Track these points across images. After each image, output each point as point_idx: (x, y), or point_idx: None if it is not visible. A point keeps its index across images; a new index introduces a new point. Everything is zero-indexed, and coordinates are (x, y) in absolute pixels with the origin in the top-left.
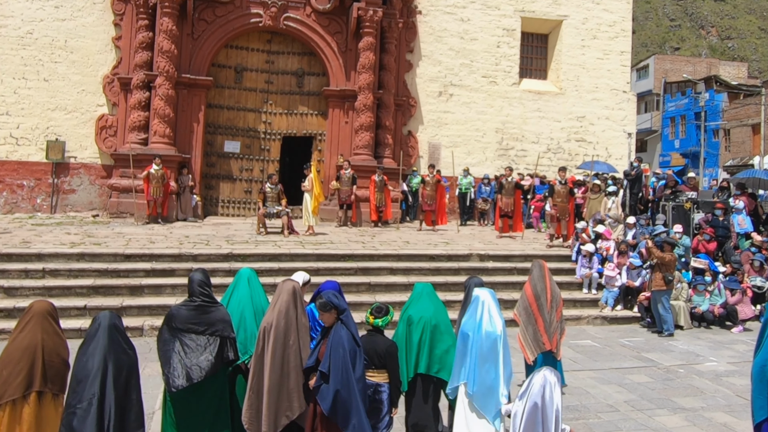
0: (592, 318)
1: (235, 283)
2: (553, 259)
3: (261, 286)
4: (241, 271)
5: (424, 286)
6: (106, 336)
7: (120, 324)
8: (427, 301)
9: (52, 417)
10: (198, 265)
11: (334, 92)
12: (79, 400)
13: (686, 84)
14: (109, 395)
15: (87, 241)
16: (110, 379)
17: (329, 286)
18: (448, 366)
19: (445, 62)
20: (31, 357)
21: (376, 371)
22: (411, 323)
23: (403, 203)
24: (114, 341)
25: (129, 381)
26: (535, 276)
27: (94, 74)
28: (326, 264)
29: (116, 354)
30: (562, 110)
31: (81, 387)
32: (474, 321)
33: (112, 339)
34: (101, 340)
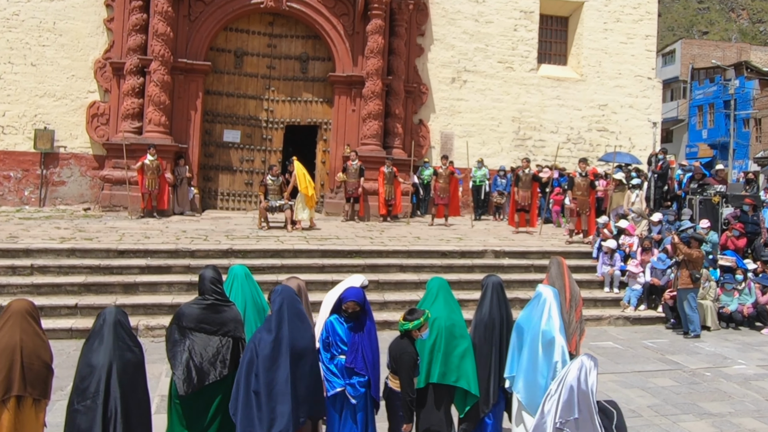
0: (614, 318)
1: (230, 281)
2: (573, 255)
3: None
4: (234, 268)
5: (438, 282)
6: (111, 333)
7: (125, 320)
8: (441, 301)
9: (32, 423)
10: (196, 261)
11: (340, 78)
12: (83, 398)
13: (715, 70)
14: (114, 394)
15: (78, 236)
16: (115, 377)
17: (353, 294)
18: (466, 374)
19: (458, 46)
20: (9, 359)
21: (393, 377)
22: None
23: (414, 196)
24: (119, 338)
25: (135, 379)
26: (553, 274)
27: (84, 58)
28: (332, 261)
29: (121, 351)
30: (583, 98)
31: (85, 385)
32: (532, 317)
33: (118, 336)
34: (106, 337)
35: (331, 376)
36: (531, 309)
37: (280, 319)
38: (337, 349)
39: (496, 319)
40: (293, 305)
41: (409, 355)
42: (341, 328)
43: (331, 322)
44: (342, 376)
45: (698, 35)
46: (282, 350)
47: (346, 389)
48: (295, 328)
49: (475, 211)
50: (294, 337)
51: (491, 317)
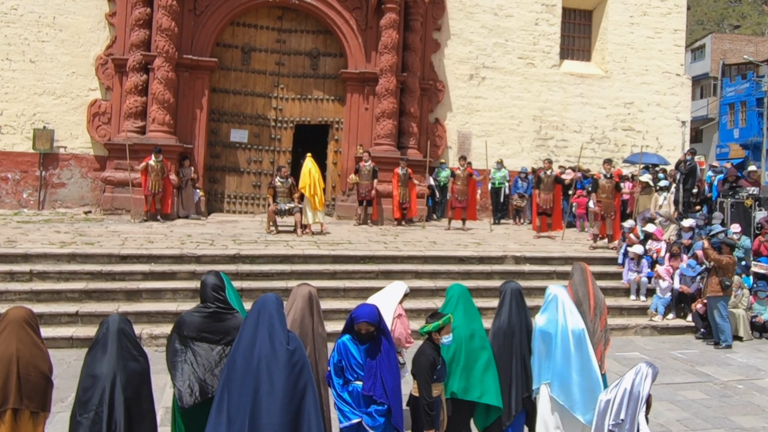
0: (641, 327)
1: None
2: (597, 261)
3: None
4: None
5: (458, 289)
6: (115, 342)
7: (129, 328)
8: (461, 310)
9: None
10: (202, 267)
11: (352, 75)
12: (85, 410)
13: (747, 66)
14: (119, 405)
15: (78, 241)
16: (119, 388)
17: (365, 313)
18: (489, 388)
19: (476, 41)
20: (5, 371)
21: (414, 383)
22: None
23: (430, 199)
24: (123, 347)
25: (140, 390)
26: (576, 280)
27: (85, 55)
28: (344, 266)
29: (125, 361)
30: (608, 95)
31: (87, 396)
32: (555, 319)
33: (121, 345)
34: (109, 347)
35: (345, 406)
36: (550, 311)
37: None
38: (352, 374)
39: (516, 326)
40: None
41: (426, 357)
42: (356, 350)
43: (344, 343)
44: (358, 405)
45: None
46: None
47: (363, 420)
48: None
49: (494, 214)
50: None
51: (510, 325)
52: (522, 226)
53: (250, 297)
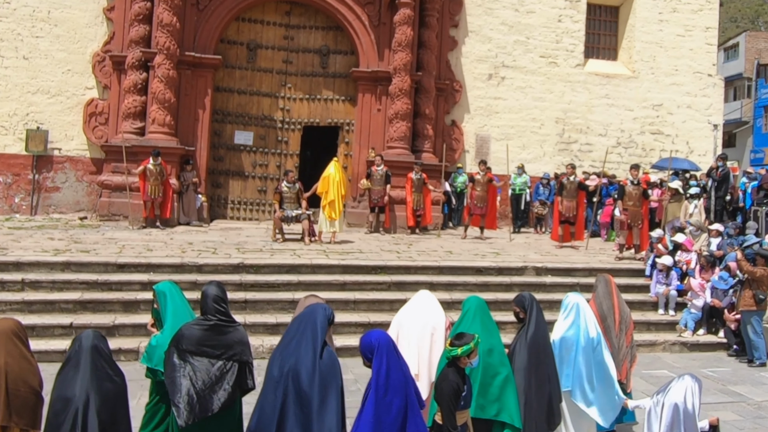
0: (669, 344)
1: (164, 297)
2: (623, 273)
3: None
4: (163, 284)
5: (476, 302)
6: (88, 360)
7: (104, 345)
8: (479, 324)
9: None
10: (204, 276)
11: (364, 74)
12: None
13: None
14: (92, 430)
15: (73, 248)
16: (92, 411)
17: (375, 337)
18: (508, 406)
19: (495, 39)
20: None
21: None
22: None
23: (446, 206)
24: (97, 366)
25: (116, 413)
26: (600, 293)
27: (81, 51)
28: (354, 277)
29: (99, 381)
30: (635, 97)
31: (59, 421)
32: (577, 326)
33: (95, 364)
34: (82, 366)
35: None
36: (571, 319)
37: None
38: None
39: (547, 337)
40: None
41: (449, 384)
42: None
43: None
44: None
45: (764, 27)
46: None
47: None
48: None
49: (514, 222)
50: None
51: (545, 334)
52: (543, 235)
53: (254, 309)
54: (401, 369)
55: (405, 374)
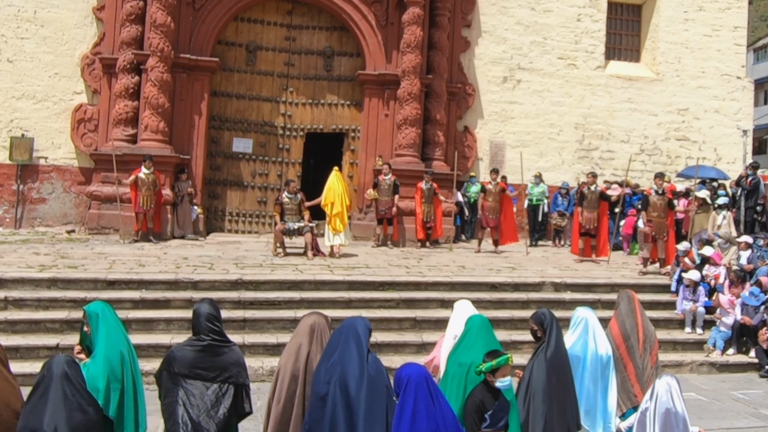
0: (697, 364)
1: (97, 319)
2: (647, 289)
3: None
4: (95, 305)
5: (478, 321)
6: (58, 389)
7: (75, 372)
8: (480, 344)
9: None
10: (199, 294)
11: (371, 77)
12: None
13: None
14: None
15: (60, 264)
16: None
17: (408, 372)
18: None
19: (511, 40)
20: None
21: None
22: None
23: (458, 218)
24: (66, 395)
25: None
26: (623, 311)
27: (70, 54)
28: (360, 294)
29: (69, 411)
30: (660, 101)
31: None
32: (585, 342)
33: (65, 392)
34: (51, 394)
35: None
36: (579, 335)
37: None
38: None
39: (568, 358)
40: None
41: (472, 400)
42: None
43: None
44: None
45: None
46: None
47: None
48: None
49: (531, 235)
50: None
51: (566, 357)
52: (562, 248)
53: (253, 328)
54: (434, 415)
55: (438, 421)
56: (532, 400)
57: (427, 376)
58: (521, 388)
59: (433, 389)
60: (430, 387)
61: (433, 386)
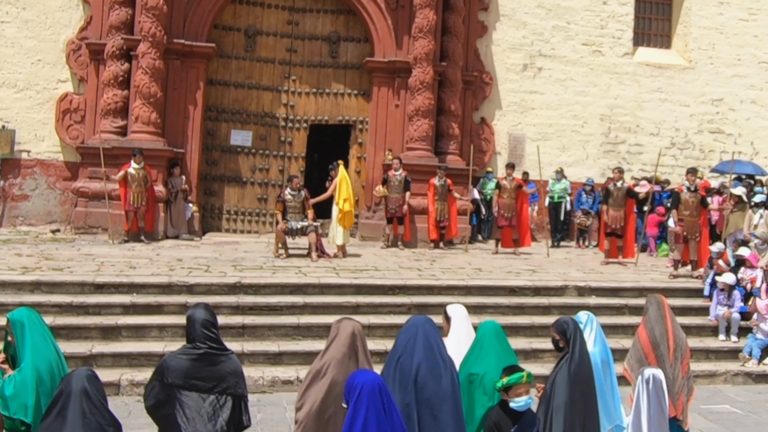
0: (732, 375)
1: (22, 328)
2: (678, 293)
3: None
4: (19, 312)
5: (489, 328)
6: (77, 406)
7: (95, 388)
8: (493, 355)
9: None
10: (195, 298)
11: (380, 65)
12: None
13: None
14: None
15: (44, 266)
16: None
17: (362, 379)
18: None
19: (531, 24)
20: None
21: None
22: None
23: (474, 216)
24: (87, 413)
25: None
26: (652, 317)
27: (54, 39)
28: (368, 299)
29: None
30: (692, 90)
31: None
32: (604, 346)
33: (84, 410)
34: (69, 413)
35: None
36: (595, 338)
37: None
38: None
39: (592, 372)
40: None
41: (488, 422)
42: None
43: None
44: None
45: None
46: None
47: None
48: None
49: (553, 235)
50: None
51: (591, 370)
52: (586, 249)
53: (253, 335)
54: (384, 428)
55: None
56: (554, 417)
57: (381, 385)
58: (542, 403)
59: (387, 400)
60: (384, 397)
61: (386, 396)
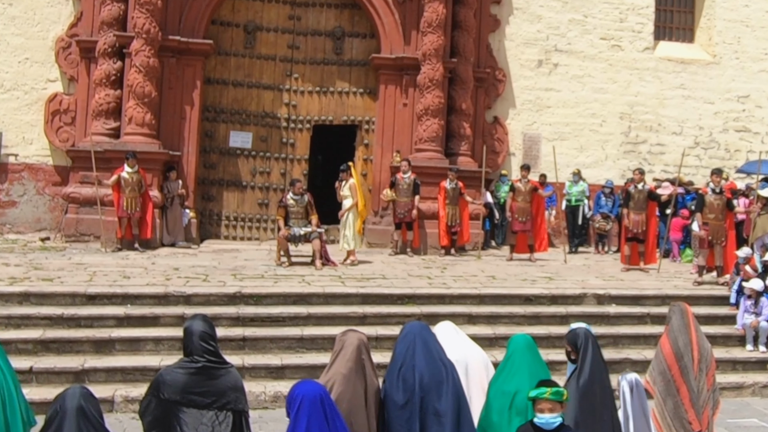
0: (760, 386)
1: None
2: (703, 301)
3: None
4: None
5: (521, 342)
6: (72, 426)
7: (91, 406)
8: (525, 371)
9: None
10: (192, 309)
11: (387, 61)
12: None
13: None
14: None
15: (33, 276)
16: None
17: (302, 390)
18: None
19: (546, 18)
20: None
21: None
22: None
23: (487, 221)
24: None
25: None
26: (675, 326)
27: (42, 36)
28: (376, 308)
29: None
30: (717, 87)
31: None
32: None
33: (81, 430)
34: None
35: None
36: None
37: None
38: None
39: (607, 385)
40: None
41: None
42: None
43: None
44: None
45: None
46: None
47: None
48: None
49: (570, 240)
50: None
51: (603, 383)
52: (606, 255)
53: (254, 348)
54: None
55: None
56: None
57: (323, 396)
58: None
59: (329, 410)
60: (326, 408)
61: (329, 407)
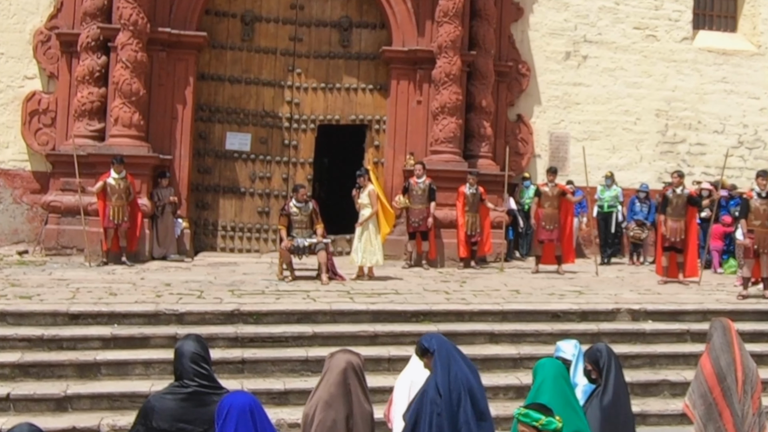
0: None
1: None
2: (748, 316)
3: None
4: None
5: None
6: None
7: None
8: (559, 399)
9: None
10: (186, 329)
11: (399, 54)
12: None
13: None
14: None
15: (10, 293)
16: None
17: (230, 401)
18: None
19: (574, 5)
20: None
21: None
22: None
23: (511, 230)
24: None
25: None
26: (717, 344)
27: (19, 29)
28: (388, 327)
29: None
30: (762, 80)
31: None
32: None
33: None
34: None
35: None
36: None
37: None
38: None
39: (629, 409)
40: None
41: None
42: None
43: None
44: None
45: None
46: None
47: None
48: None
49: (602, 250)
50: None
51: (627, 407)
52: (641, 266)
53: (254, 371)
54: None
55: None
56: None
57: (253, 407)
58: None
59: (260, 422)
60: (256, 419)
61: (260, 418)
